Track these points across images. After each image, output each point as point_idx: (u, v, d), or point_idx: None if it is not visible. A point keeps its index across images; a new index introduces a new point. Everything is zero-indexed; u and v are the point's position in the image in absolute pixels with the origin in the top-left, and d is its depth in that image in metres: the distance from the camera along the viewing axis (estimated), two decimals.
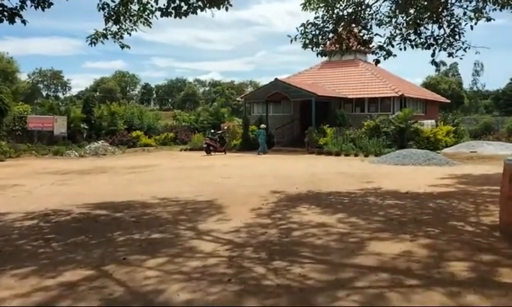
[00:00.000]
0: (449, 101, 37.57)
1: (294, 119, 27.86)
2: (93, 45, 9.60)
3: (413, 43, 10.66)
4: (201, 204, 9.39)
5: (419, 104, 28.83)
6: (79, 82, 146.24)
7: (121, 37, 9.79)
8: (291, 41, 10.57)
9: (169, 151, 25.78)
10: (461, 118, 33.70)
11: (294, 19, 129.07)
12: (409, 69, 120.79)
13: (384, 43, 10.67)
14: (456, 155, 20.63)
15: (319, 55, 11.05)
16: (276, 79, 25.67)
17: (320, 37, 10.71)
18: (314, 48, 10.72)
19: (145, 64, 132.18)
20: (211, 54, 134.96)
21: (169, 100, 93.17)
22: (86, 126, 26.72)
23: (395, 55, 10.75)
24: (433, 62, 10.63)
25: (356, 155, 21.35)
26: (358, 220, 7.67)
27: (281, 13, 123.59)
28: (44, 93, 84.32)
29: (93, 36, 9.62)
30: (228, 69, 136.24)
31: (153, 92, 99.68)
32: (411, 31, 10.58)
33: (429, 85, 54.59)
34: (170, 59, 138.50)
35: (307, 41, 10.63)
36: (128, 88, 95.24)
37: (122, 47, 9.92)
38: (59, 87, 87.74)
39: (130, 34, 9.85)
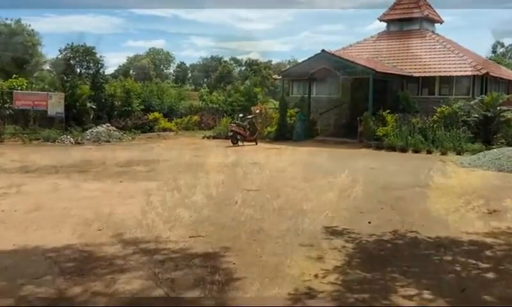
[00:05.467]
0: None
1: (342, 102, 22.60)
2: None
3: None
4: (193, 271, 4.70)
5: (502, 86, 22.85)
6: (120, 61, 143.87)
7: None
8: None
9: (188, 139, 21.10)
10: None
11: None
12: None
13: None
14: None
15: None
16: (323, 51, 20.31)
17: None
18: None
19: (185, 43, 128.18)
20: (251, 33, 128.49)
21: (205, 80, 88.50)
22: (94, 106, 22.39)
23: None
24: None
25: (429, 152, 16.06)
26: None
27: None
28: (78, 70, 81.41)
29: None
30: (267, 49, 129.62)
31: (189, 71, 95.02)
32: None
33: None
34: (209, 38, 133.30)
35: None
36: (162, 66, 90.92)
37: None
38: (91, 64, 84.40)
39: None
